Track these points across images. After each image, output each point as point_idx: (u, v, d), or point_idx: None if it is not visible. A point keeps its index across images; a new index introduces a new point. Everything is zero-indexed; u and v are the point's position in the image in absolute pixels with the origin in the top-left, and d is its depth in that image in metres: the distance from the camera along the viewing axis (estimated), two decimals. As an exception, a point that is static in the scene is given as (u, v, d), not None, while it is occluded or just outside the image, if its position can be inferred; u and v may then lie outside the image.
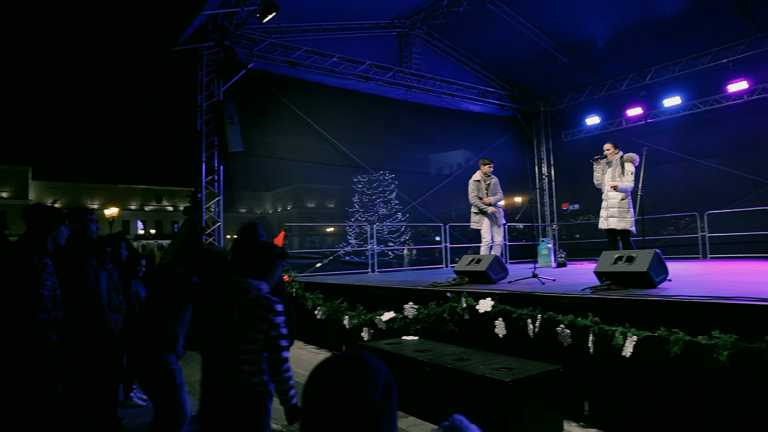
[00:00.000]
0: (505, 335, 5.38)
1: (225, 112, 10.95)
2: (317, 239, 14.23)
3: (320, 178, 13.53)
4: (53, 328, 3.31)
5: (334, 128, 13.20)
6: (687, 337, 3.94)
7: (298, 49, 12.61)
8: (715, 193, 12.97)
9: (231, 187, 11.82)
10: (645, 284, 5.17)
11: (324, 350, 8.37)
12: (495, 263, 6.94)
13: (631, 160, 7.54)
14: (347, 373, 1.16)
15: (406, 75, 14.37)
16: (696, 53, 13.07)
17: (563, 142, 16.87)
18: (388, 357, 5.53)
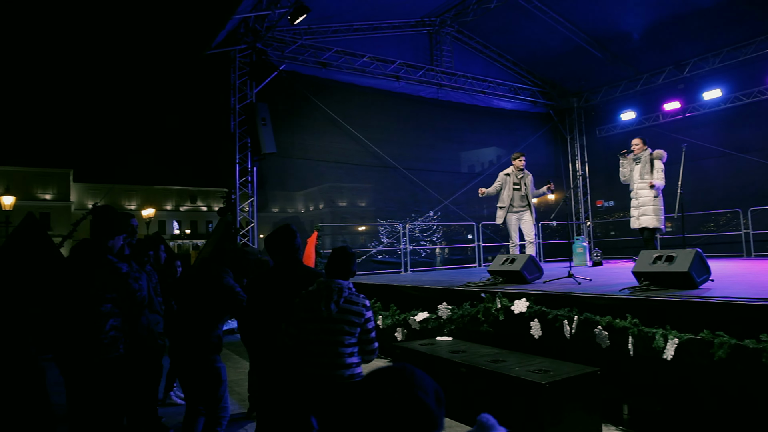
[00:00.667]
0: (540, 336, 5.30)
1: (258, 113, 11.07)
2: (349, 238, 14.27)
3: (351, 177, 13.56)
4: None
5: (364, 128, 13.21)
6: (733, 341, 3.81)
7: (328, 49, 12.66)
8: (758, 189, 12.51)
9: (264, 188, 11.96)
10: (686, 285, 5.02)
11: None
12: (530, 263, 6.84)
13: (660, 157, 7.35)
14: (399, 383, 1.19)
15: (437, 73, 14.30)
16: (738, 44, 12.63)
17: (597, 138, 16.54)
18: (423, 358, 5.51)
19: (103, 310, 3.30)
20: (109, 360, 3.32)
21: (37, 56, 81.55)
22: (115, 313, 3.38)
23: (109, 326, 3.31)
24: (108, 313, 3.32)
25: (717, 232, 13.25)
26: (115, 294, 3.34)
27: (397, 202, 13.76)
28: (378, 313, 7.72)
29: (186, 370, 3.78)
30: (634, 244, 14.05)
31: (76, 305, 3.32)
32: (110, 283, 3.33)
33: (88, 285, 3.31)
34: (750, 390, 3.75)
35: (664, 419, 4.39)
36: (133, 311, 3.48)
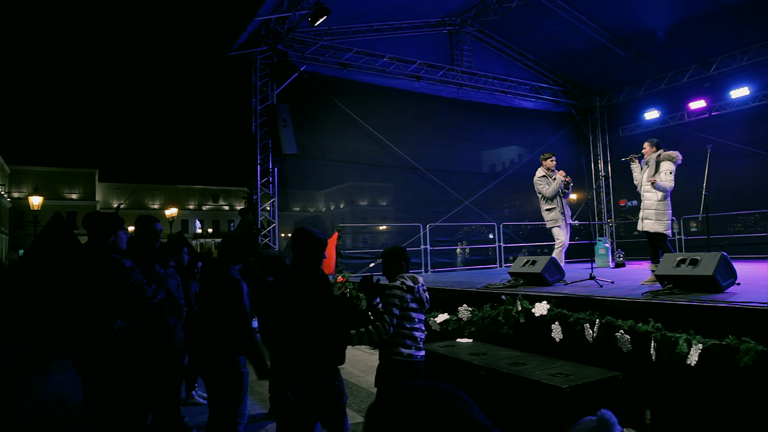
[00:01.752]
0: (561, 340, 5.26)
1: (279, 115, 11.15)
2: (369, 238, 14.28)
3: (371, 177, 13.58)
4: None
5: (385, 129, 13.23)
6: (759, 347, 3.73)
7: (349, 50, 12.71)
8: (785, 189, 12.26)
9: (285, 188, 12.04)
10: (711, 289, 4.94)
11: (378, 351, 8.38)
12: (550, 265, 6.79)
13: (670, 159, 6.97)
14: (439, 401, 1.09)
15: (458, 73, 14.26)
16: (766, 40, 12.35)
17: (620, 138, 16.32)
18: (443, 360, 5.50)
19: (108, 308, 3.36)
20: (120, 359, 3.37)
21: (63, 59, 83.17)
22: (123, 311, 3.43)
23: (117, 326, 3.37)
24: (114, 311, 3.38)
25: (744, 233, 12.99)
26: (120, 291, 3.40)
27: (417, 203, 13.74)
28: (398, 314, 7.70)
29: (208, 370, 3.80)
30: (658, 245, 13.83)
31: (84, 305, 3.39)
32: (113, 281, 3.39)
33: (90, 285, 3.37)
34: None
35: (687, 425, 4.33)
36: (144, 307, 3.51)
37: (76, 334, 3.40)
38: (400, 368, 3.59)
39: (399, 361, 3.58)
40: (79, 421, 5.12)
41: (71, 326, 3.43)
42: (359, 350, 8.48)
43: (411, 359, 3.63)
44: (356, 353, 8.13)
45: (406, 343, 3.61)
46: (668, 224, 6.91)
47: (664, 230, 6.88)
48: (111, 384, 3.38)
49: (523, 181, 15.06)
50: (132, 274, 3.45)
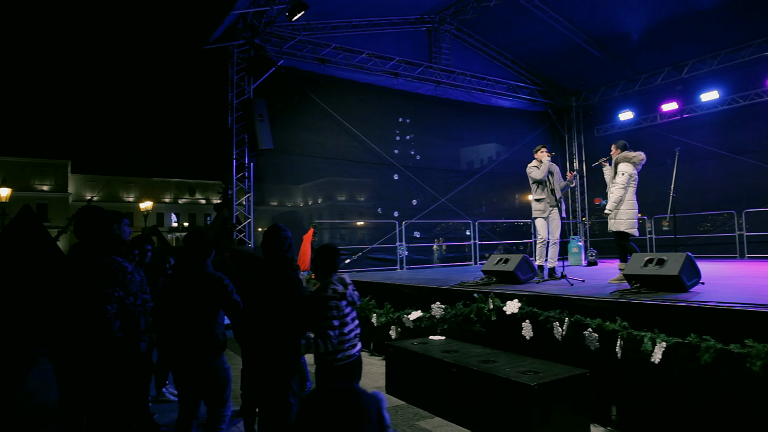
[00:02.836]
0: (532, 337, 5.35)
1: (255, 109, 11.09)
2: (347, 233, 14.31)
3: (349, 173, 13.58)
4: None
5: (363, 125, 13.25)
6: (719, 345, 3.86)
7: (327, 45, 12.66)
8: (754, 191, 12.59)
9: (261, 183, 11.97)
10: (676, 288, 5.08)
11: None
12: (523, 263, 6.90)
13: (626, 160, 7.01)
14: (344, 411, 1.17)
15: (436, 71, 14.32)
16: (736, 46, 12.65)
17: (596, 138, 16.57)
18: (415, 357, 5.57)
19: (110, 310, 3.33)
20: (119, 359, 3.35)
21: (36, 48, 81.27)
22: (122, 313, 3.40)
23: (117, 327, 3.35)
24: (115, 313, 3.35)
25: (713, 232, 13.33)
26: (121, 293, 3.37)
27: (395, 199, 13.79)
28: (372, 310, 7.77)
29: (187, 370, 3.73)
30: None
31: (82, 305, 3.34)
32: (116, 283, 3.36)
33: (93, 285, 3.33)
34: (735, 394, 3.81)
35: (651, 421, 4.45)
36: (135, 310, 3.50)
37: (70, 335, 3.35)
38: (341, 372, 3.65)
39: (338, 366, 3.62)
40: (51, 418, 5.07)
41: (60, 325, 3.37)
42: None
43: (349, 360, 3.69)
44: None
45: (345, 347, 3.65)
46: (632, 223, 6.98)
47: (626, 229, 6.97)
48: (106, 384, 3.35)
49: (500, 178, 15.25)
50: (132, 278, 3.43)
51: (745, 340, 3.74)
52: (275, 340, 3.34)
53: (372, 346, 8.04)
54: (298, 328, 3.41)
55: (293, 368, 3.45)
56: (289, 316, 3.38)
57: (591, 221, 16.82)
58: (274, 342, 3.34)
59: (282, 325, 3.36)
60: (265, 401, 3.45)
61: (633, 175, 7.01)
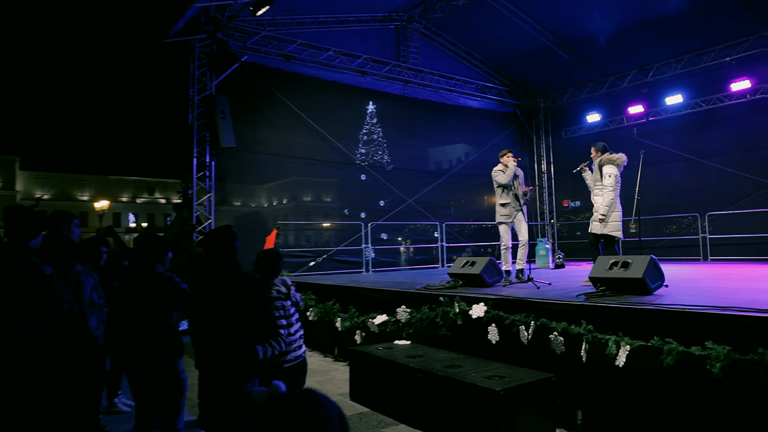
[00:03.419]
0: (498, 342, 5.41)
1: (217, 106, 10.94)
2: (313, 235, 14.24)
3: (315, 173, 13.53)
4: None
5: (329, 123, 13.21)
6: (680, 348, 3.96)
7: (292, 42, 12.58)
8: (717, 194, 13.02)
9: (223, 182, 11.82)
10: (640, 291, 5.20)
11: (316, 352, 8.39)
12: (489, 266, 6.97)
13: (611, 162, 7.19)
14: (306, 412, 1.19)
15: (404, 69, 14.37)
16: (699, 51, 13.06)
17: (563, 140, 16.89)
18: (380, 363, 5.57)
19: (25, 317, 3.20)
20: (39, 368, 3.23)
21: (-17, 36, 78.55)
22: (41, 319, 3.27)
23: (35, 335, 3.21)
24: (31, 320, 3.22)
25: (678, 234, 13.72)
26: (39, 299, 3.24)
27: (361, 200, 13.80)
28: (337, 315, 7.74)
29: (142, 376, 3.64)
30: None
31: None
32: (33, 287, 3.23)
33: (10, 291, 3.19)
34: (697, 396, 3.91)
35: (616, 424, 4.54)
36: (61, 315, 3.37)
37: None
38: (289, 374, 3.70)
39: (287, 368, 3.67)
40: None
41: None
42: (297, 351, 8.44)
43: (297, 361, 3.78)
44: (293, 355, 8.08)
45: (292, 347, 3.72)
46: (618, 226, 7.16)
47: (609, 232, 7.14)
48: (26, 394, 3.23)
49: (468, 179, 15.39)
50: (52, 282, 3.30)
51: (705, 343, 3.85)
52: (232, 344, 3.26)
53: (336, 352, 8.01)
54: (258, 331, 3.35)
55: (253, 374, 3.40)
56: (249, 318, 3.30)
57: (559, 223, 17.12)
58: (231, 346, 3.26)
59: (240, 327, 3.28)
60: (224, 410, 3.39)
61: (618, 177, 7.20)
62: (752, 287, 6.28)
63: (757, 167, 12.45)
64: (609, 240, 7.25)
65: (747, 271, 9.16)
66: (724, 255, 12.53)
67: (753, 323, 3.81)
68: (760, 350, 3.59)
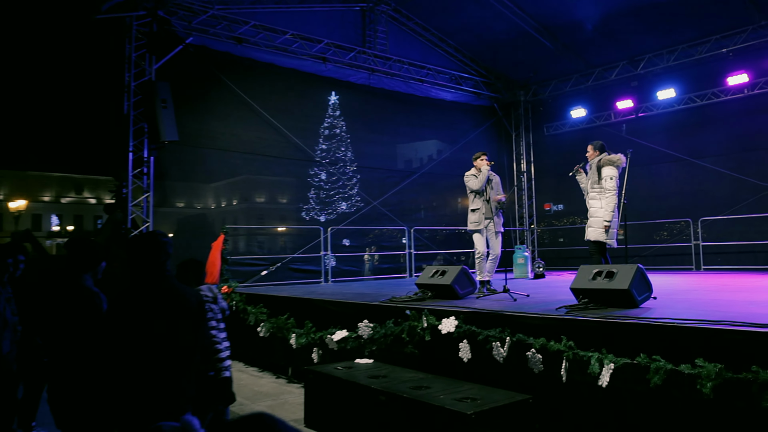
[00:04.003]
0: (470, 360, 5.42)
1: (157, 94, 10.75)
2: (266, 240, 14.11)
3: (270, 171, 13.43)
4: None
5: (286, 116, 13.14)
6: (669, 366, 4.03)
7: (245, 23, 12.46)
8: (711, 198, 13.34)
9: (163, 180, 11.62)
10: (626, 303, 5.28)
11: (267, 373, 8.30)
12: (462, 276, 7.00)
13: (611, 163, 7.31)
14: None
15: (370, 57, 14.37)
16: (693, 41, 13.37)
17: (545, 136, 17.13)
18: (339, 384, 5.54)
19: None
20: None
21: None
22: None
23: None
24: None
25: (669, 242, 14.00)
26: None
27: (321, 202, 13.74)
28: (291, 330, 7.68)
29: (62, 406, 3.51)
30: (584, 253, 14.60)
31: None
32: None
33: None
34: (686, 418, 3.98)
35: (598, 451, 4.59)
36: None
37: None
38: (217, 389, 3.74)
39: (216, 382, 3.71)
40: None
41: None
42: (246, 373, 8.35)
43: (223, 375, 3.90)
44: (240, 377, 7.99)
45: (220, 357, 3.78)
46: (612, 233, 7.25)
47: (607, 238, 7.22)
48: None
49: (441, 179, 15.47)
50: None
51: (695, 360, 3.92)
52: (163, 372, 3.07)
53: (290, 372, 7.94)
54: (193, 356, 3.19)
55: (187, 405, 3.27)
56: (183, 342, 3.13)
57: (541, 228, 17.34)
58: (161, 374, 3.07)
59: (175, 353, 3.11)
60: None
61: (617, 180, 7.32)
62: (747, 299, 6.46)
63: (754, 169, 12.76)
64: (602, 247, 7.33)
65: (742, 281, 9.43)
66: (717, 264, 12.85)
67: (746, 338, 3.90)
68: (754, 368, 3.66)
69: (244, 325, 8.50)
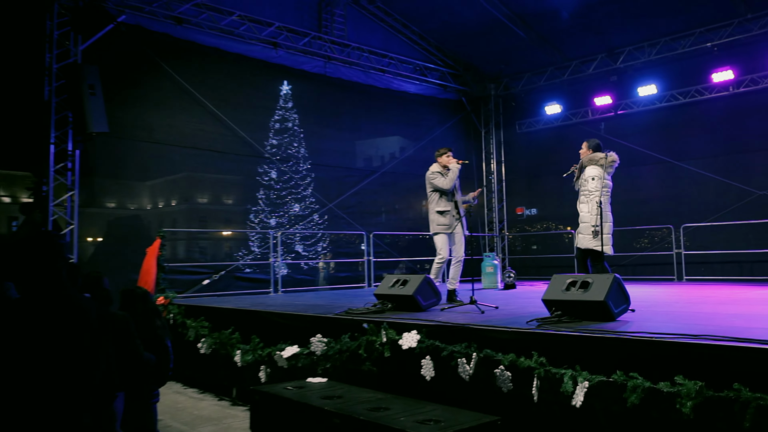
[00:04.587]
0: (433, 378, 5.46)
1: (84, 78, 10.55)
2: (209, 246, 13.96)
3: (214, 168, 13.30)
4: None
5: (232, 107, 13.10)
6: (647, 384, 4.12)
7: (186, 1, 12.31)
8: (694, 203, 13.73)
9: (91, 177, 11.41)
10: (602, 316, 5.39)
11: (209, 395, 8.22)
12: (425, 286, 7.03)
13: (593, 162, 7.50)
14: None
15: (326, 43, 14.37)
16: (676, 34, 13.71)
17: (517, 134, 17.37)
18: (289, 406, 5.52)
19: None
20: None
21: None
22: None
23: None
24: None
25: (650, 250, 14.31)
26: None
27: (272, 203, 13.66)
28: (236, 346, 7.63)
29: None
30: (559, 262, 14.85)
31: None
32: None
33: None
34: (665, 442, 4.08)
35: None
36: None
37: None
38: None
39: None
40: None
41: None
42: (185, 395, 8.25)
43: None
44: (178, 399, 7.89)
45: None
46: (606, 239, 7.33)
47: (597, 246, 7.31)
48: None
49: (403, 179, 15.55)
50: None
51: (675, 378, 4.02)
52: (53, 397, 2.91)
53: (235, 393, 7.87)
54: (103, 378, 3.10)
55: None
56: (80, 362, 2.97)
57: (512, 234, 17.54)
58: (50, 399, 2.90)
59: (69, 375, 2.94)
60: None
61: (605, 180, 7.41)
62: (730, 312, 6.66)
63: (740, 173, 13.16)
64: (596, 256, 7.45)
65: (725, 293, 9.70)
66: (701, 274, 13.20)
67: (728, 354, 4.01)
68: (736, 386, 3.77)
69: (182, 341, 8.39)
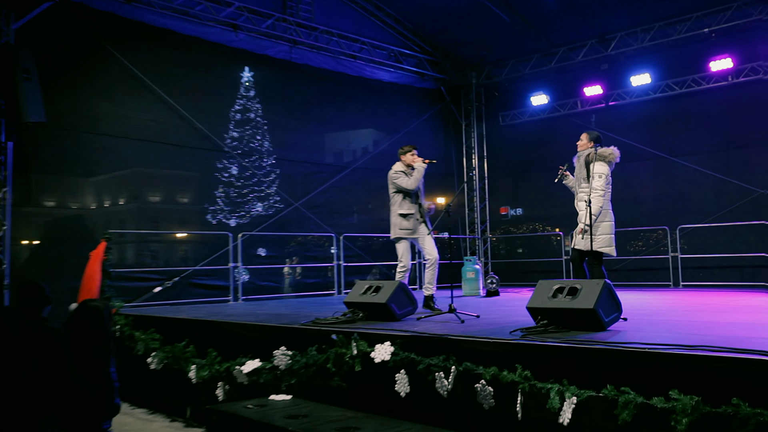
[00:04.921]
0: (408, 394, 5.44)
1: (17, 62, 10.41)
2: (161, 249, 13.84)
3: (167, 162, 13.21)
4: None
5: (187, 95, 13.04)
6: (639, 399, 4.14)
7: (136, -23, 12.21)
8: (691, 202, 13.91)
9: (27, 173, 11.28)
10: (592, 326, 5.41)
11: (160, 415, 8.14)
12: (399, 293, 7.03)
13: (602, 159, 7.54)
14: None
15: (291, 26, 14.30)
16: (671, 18, 13.84)
17: (501, 127, 17.44)
18: (250, 426, 5.48)
19: None
20: None
21: None
22: None
23: None
24: None
25: (645, 253, 14.43)
26: None
27: (232, 202, 13.58)
28: (191, 361, 7.56)
29: None
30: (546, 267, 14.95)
31: None
32: None
33: None
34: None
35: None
36: None
37: None
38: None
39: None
40: None
41: None
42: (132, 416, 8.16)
43: None
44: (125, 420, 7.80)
45: None
46: (609, 240, 7.43)
47: (598, 247, 7.36)
48: None
49: (377, 176, 15.46)
50: None
51: (669, 392, 4.05)
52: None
53: (189, 413, 7.80)
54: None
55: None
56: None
57: (495, 236, 17.58)
58: None
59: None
60: None
61: (609, 178, 7.52)
62: (729, 321, 6.73)
63: (740, 169, 13.36)
64: (596, 257, 7.49)
65: (725, 300, 9.80)
66: (698, 279, 13.31)
67: (727, 367, 4.04)
68: (734, 401, 3.80)
69: (130, 356, 8.30)
